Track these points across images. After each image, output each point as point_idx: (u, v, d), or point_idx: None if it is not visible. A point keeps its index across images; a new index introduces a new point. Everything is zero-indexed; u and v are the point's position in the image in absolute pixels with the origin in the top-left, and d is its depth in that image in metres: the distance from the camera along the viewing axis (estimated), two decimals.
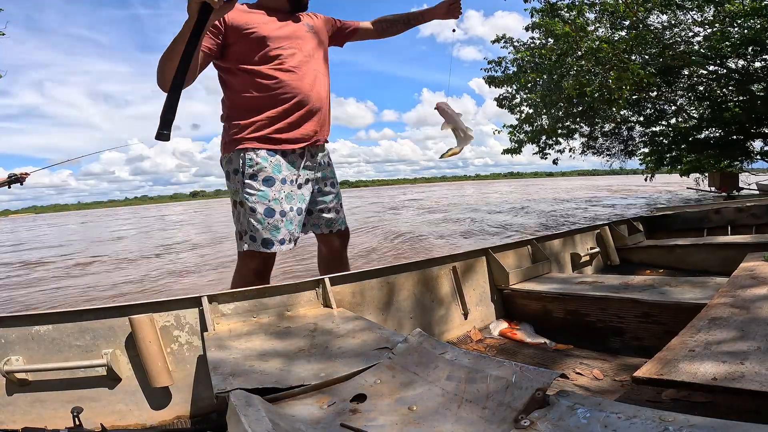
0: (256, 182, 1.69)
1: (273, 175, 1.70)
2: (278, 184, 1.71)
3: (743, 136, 10.08)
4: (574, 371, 1.44)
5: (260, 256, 1.72)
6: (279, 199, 1.70)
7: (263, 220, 1.68)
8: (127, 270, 6.30)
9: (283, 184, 1.72)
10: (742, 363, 0.92)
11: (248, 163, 1.69)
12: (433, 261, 1.90)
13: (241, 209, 1.71)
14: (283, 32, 1.75)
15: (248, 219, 1.69)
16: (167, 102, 1.35)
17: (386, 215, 13.29)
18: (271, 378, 0.98)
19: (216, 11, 1.35)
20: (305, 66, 1.77)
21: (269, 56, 1.71)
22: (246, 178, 1.69)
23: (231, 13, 1.65)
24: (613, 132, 12.36)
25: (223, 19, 1.65)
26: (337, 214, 1.97)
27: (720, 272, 1.94)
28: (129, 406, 1.29)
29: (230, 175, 1.74)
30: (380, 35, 2.13)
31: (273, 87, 1.70)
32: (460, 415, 0.79)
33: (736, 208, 3.20)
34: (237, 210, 1.74)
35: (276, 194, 1.70)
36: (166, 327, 1.36)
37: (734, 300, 1.32)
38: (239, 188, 1.70)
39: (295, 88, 1.73)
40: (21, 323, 1.26)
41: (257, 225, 1.68)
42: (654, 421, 0.66)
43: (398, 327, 1.72)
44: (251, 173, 1.69)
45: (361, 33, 2.09)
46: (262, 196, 1.68)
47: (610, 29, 9.18)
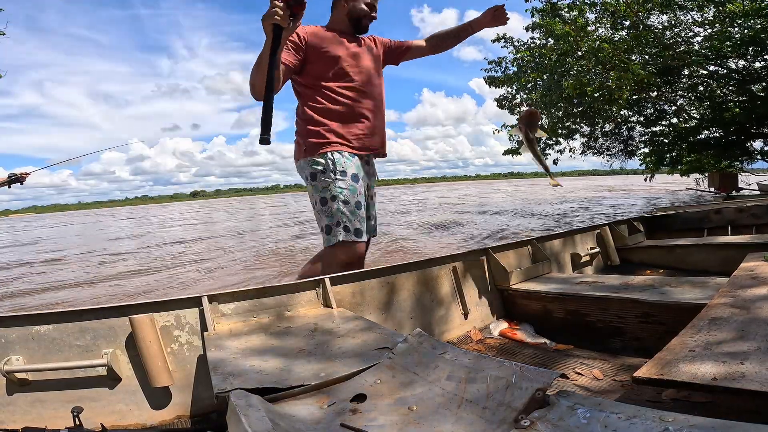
0: (346, 178, 1.87)
1: (357, 173, 1.92)
2: (361, 181, 1.92)
3: (743, 136, 10.07)
4: (575, 371, 1.44)
5: (353, 245, 1.87)
6: (363, 194, 1.93)
7: (355, 211, 1.87)
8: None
9: (363, 182, 1.94)
10: (742, 363, 0.92)
11: (337, 162, 1.88)
12: (433, 261, 1.90)
13: (333, 203, 1.86)
14: (350, 53, 1.99)
15: (342, 211, 1.86)
16: (264, 110, 1.57)
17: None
18: (271, 378, 0.98)
19: (286, 29, 1.56)
20: (369, 83, 2.02)
21: (340, 74, 1.95)
22: (337, 175, 1.87)
23: (309, 35, 1.92)
24: (614, 132, 12.36)
25: (304, 40, 1.90)
26: (375, 221, 2.14)
27: (720, 272, 1.94)
28: (129, 406, 1.29)
29: (316, 175, 1.90)
30: (433, 51, 2.31)
31: (345, 102, 1.95)
32: (460, 415, 0.79)
33: (736, 208, 3.20)
34: (327, 205, 1.87)
35: (361, 190, 1.91)
36: (166, 327, 1.37)
37: (734, 300, 1.32)
38: (330, 184, 1.87)
39: (362, 103, 1.98)
40: (21, 323, 1.26)
41: (351, 216, 1.86)
42: (654, 421, 0.66)
43: (398, 327, 1.72)
44: (341, 170, 1.87)
45: (414, 51, 2.29)
46: (352, 190, 1.88)
47: (611, 29, 9.18)
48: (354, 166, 1.91)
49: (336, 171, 1.87)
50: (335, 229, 1.86)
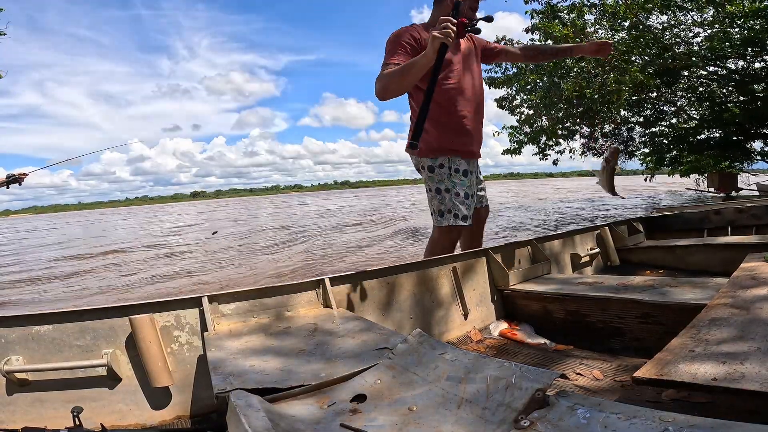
0: (459, 174, 2.17)
1: (468, 169, 2.19)
2: (470, 176, 2.20)
3: (743, 136, 10.08)
4: (574, 372, 1.44)
5: (458, 228, 2.17)
6: (472, 186, 2.20)
7: (464, 201, 2.15)
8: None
9: (472, 176, 2.21)
10: (742, 363, 0.92)
11: (453, 162, 2.16)
12: (433, 261, 1.90)
13: (447, 194, 2.16)
14: (458, 56, 2.14)
15: (453, 201, 2.15)
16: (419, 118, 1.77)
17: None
18: (271, 378, 0.98)
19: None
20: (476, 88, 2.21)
21: (450, 75, 2.10)
22: (452, 172, 2.16)
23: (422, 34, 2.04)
24: (613, 133, 12.36)
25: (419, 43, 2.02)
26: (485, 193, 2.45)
27: (720, 273, 1.94)
28: (129, 406, 1.29)
29: (435, 169, 2.18)
30: (527, 60, 2.61)
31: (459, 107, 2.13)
32: (460, 416, 0.79)
33: (736, 208, 3.20)
34: (441, 195, 2.17)
35: (470, 183, 2.19)
36: (166, 327, 1.37)
37: (734, 300, 1.32)
38: (445, 178, 2.16)
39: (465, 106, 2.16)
40: (21, 323, 1.26)
41: (461, 205, 2.14)
42: (654, 421, 0.66)
43: (398, 327, 1.72)
44: (456, 168, 2.17)
45: (507, 55, 2.48)
46: (462, 184, 2.16)
47: (610, 31, 9.18)
48: (464, 162, 2.19)
49: (451, 168, 2.17)
50: (446, 214, 2.16)
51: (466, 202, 2.15)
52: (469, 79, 2.16)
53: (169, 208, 66.69)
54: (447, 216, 2.14)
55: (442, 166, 2.16)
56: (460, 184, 2.15)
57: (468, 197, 2.16)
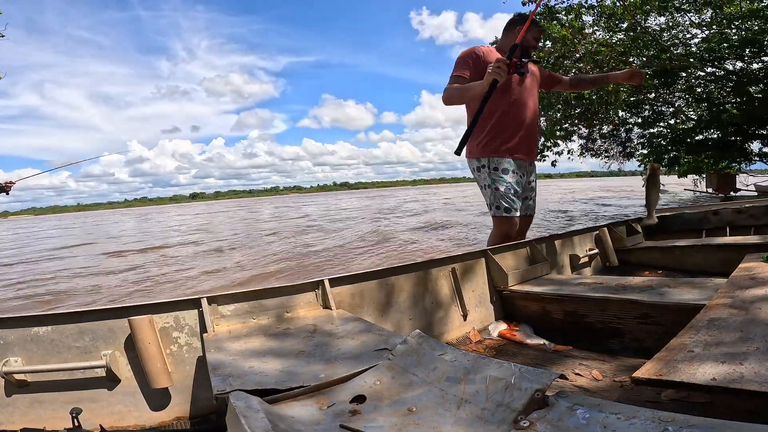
0: (498, 172, 2.50)
1: (508, 168, 2.50)
2: (511, 174, 2.50)
3: (741, 137, 10.10)
4: (574, 372, 1.44)
5: (506, 219, 2.50)
6: (513, 183, 2.50)
7: (504, 195, 2.49)
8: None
9: (514, 175, 2.51)
10: (741, 363, 0.92)
11: (493, 162, 2.51)
12: (432, 262, 1.90)
13: (489, 190, 2.54)
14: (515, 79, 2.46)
15: (495, 195, 2.51)
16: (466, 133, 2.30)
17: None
18: (271, 379, 0.98)
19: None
20: (525, 98, 2.52)
21: (503, 88, 2.39)
22: (492, 170, 2.51)
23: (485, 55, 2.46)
24: (612, 134, 12.37)
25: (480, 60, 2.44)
26: (531, 202, 2.72)
27: (719, 273, 1.94)
28: (128, 407, 1.28)
29: (481, 169, 2.56)
30: (572, 89, 3.06)
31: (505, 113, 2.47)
32: (460, 416, 0.79)
33: (734, 209, 3.20)
34: (485, 190, 2.58)
35: (511, 180, 2.50)
36: (165, 328, 1.36)
37: (733, 301, 1.32)
38: (487, 176, 2.54)
39: (517, 115, 2.50)
40: (20, 324, 1.26)
41: (501, 199, 2.49)
42: (653, 421, 0.66)
43: (397, 328, 1.72)
44: (495, 167, 2.51)
45: (561, 85, 2.90)
46: (502, 180, 2.49)
47: (608, 32, 9.20)
48: (507, 163, 2.50)
49: (498, 169, 2.51)
50: (493, 207, 2.53)
51: (507, 196, 2.49)
52: (525, 95, 2.52)
53: (170, 209, 67.14)
54: (494, 209, 2.53)
55: (485, 166, 2.54)
56: (500, 180, 2.49)
57: (509, 192, 2.49)
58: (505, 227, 2.50)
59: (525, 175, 2.61)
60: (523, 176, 2.58)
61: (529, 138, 2.59)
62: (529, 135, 2.57)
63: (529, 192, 2.69)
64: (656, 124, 11.54)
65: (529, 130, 2.56)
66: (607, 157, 13.10)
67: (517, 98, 2.49)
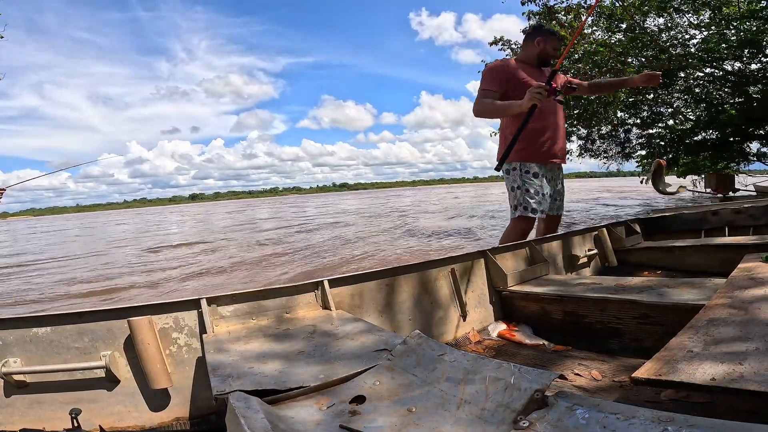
0: (529, 175, 2.69)
1: (539, 172, 2.70)
2: (541, 178, 2.70)
3: (740, 137, 10.12)
4: (573, 372, 1.44)
5: (528, 219, 2.68)
6: (542, 185, 2.70)
7: (533, 197, 2.67)
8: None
9: (543, 179, 2.71)
10: (741, 363, 0.92)
11: (524, 165, 2.70)
12: (432, 263, 1.90)
13: (518, 191, 2.71)
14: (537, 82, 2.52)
15: (524, 196, 2.68)
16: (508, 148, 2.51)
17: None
18: (270, 380, 0.98)
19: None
20: (554, 109, 2.73)
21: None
22: (522, 173, 2.70)
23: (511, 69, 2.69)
24: (611, 134, 12.39)
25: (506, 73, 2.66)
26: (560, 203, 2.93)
27: (718, 273, 1.94)
28: (128, 408, 1.28)
29: (512, 171, 2.74)
30: (591, 93, 3.22)
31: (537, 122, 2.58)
32: (459, 417, 0.79)
33: (733, 209, 3.21)
34: (516, 192, 2.73)
35: (541, 183, 2.70)
36: (164, 329, 1.36)
37: (732, 301, 1.32)
38: (517, 178, 2.72)
39: (548, 125, 2.71)
40: (19, 325, 1.26)
41: (530, 200, 2.67)
42: (653, 421, 0.66)
43: (397, 329, 1.71)
44: (526, 170, 2.70)
45: (580, 90, 3.02)
46: (532, 183, 2.69)
47: (607, 32, 9.21)
48: (537, 167, 2.70)
49: (528, 172, 2.69)
50: (518, 207, 2.69)
51: (535, 198, 2.67)
52: (550, 104, 2.68)
53: (173, 209, 67.58)
54: (519, 209, 2.69)
55: (515, 169, 2.72)
56: (529, 183, 2.68)
57: (537, 194, 2.67)
58: (524, 225, 2.70)
59: (554, 178, 2.82)
60: (552, 179, 2.79)
61: (559, 143, 2.78)
62: (558, 140, 2.77)
63: (558, 193, 2.89)
64: (655, 125, 11.56)
65: (558, 135, 2.76)
66: (606, 158, 13.12)
67: (546, 107, 2.64)
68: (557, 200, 2.89)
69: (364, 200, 36.41)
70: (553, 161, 2.79)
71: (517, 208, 2.70)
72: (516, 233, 2.69)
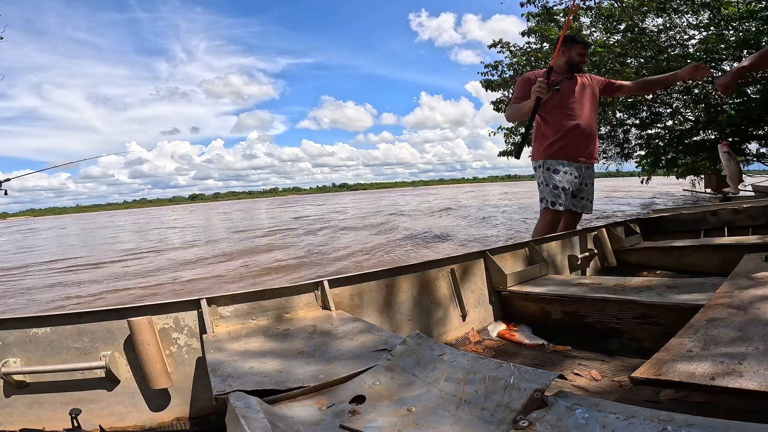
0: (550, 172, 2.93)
1: (561, 169, 2.91)
2: (563, 174, 2.91)
3: (739, 138, 10.11)
4: (573, 372, 1.44)
5: (551, 212, 2.93)
6: (564, 181, 2.89)
7: (553, 191, 2.90)
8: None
9: (565, 175, 2.90)
10: (741, 363, 0.93)
11: (547, 163, 2.95)
12: (431, 263, 1.90)
13: (545, 186, 2.95)
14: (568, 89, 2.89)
15: (550, 191, 2.91)
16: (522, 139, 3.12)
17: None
18: (270, 380, 0.98)
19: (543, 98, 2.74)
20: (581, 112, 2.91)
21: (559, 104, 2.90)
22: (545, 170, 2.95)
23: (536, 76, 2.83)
24: (610, 135, 12.38)
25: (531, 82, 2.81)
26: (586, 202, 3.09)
27: (717, 273, 1.94)
28: (128, 408, 1.28)
29: (538, 169, 3.01)
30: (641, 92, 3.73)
31: (562, 125, 2.90)
32: (459, 416, 0.79)
33: (732, 209, 3.21)
34: (541, 187, 2.99)
35: (562, 178, 2.90)
36: (164, 329, 1.36)
37: (732, 301, 1.32)
38: (542, 174, 2.97)
39: (574, 126, 2.89)
40: (19, 325, 1.26)
41: (552, 194, 2.91)
42: (652, 421, 0.66)
43: (397, 329, 1.72)
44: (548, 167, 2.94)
45: (626, 89, 3.24)
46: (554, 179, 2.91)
47: (606, 33, 9.22)
48: (559, 164, 2.91)
49: (549, 169, 2.93)
50: (544, 201, 2.95)
51: (556, 192, 2.89)
52: (577, 106, 2.90)
53: (168, 210, 67.97)
54: (544, 202, 2.95)
55: (541, 166, 2.97)
56: (551, 178, 2.91)
57: (558, 189, 2.88)
58: (550, 217, 2.93)
59: (581, 176, 2.97)
60: (578, 177, 2.95)
61: (585, 142, 2.96)
62: (585, 140, 2.94)
63: (584, 192, 3.05)
64: (654, 125, 11.56)
65: (584, 135, 2.93)
66: (606, 158, 13.11)
67: (571, 109, 2.89)
68: (583, 199, 3.05)
69: (364, 200, 36.61)
70: (584, 160, 2.97)
71: (543, 201, 2.96)
72: (544, 224, 2.96)
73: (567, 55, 2.97)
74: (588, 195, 3.07)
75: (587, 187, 3.05)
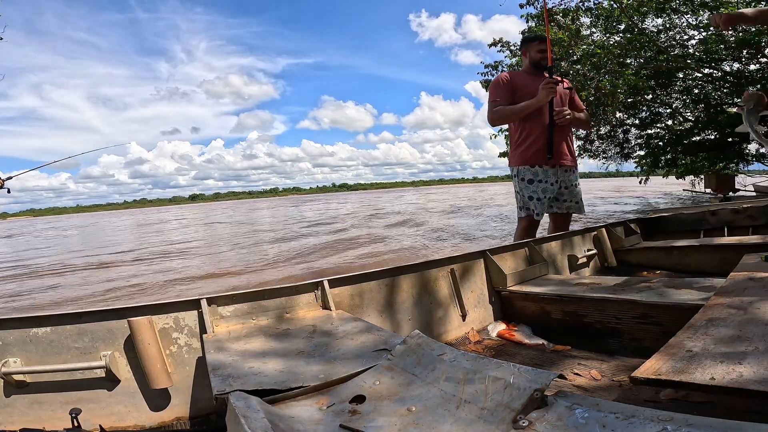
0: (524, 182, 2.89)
1: (535, 179, 2.86)
2: (536, 183, 2.86)
3: (738, 138, 10.12)
4: (573, 372, 1.44)
5: (526, 219, 2.91)
6: (536, 190, 2.86)
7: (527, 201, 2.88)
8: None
9: (539, 183, 2.86)
10: (740, 363, 0.93)
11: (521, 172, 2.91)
12: (431, 263, 1.90)
13: (518, 195, 2.94)
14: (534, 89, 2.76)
15: (523, 200, 2.91)
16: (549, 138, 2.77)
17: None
18: (271, 379, 0.98)
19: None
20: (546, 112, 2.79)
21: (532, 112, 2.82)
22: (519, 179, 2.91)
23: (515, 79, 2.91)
24: (609, 135, 12.38)
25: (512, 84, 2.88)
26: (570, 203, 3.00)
27: (717, 273, 1.95)
28: (128, 408, 1.28)
29: (514, 177, 2.97)
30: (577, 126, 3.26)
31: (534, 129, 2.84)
32: (459, 416, 0.79)
33: (732, 209, 3.21)
34: (518, 196, 2.96)
35: (535, 188, 2.86)
36: (165, 329, 1.36)
37: (732, 301, 1.33)
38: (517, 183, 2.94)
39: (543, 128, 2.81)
40: (19, 325, 1.26)
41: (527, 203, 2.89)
42: (652, 421, 0.66)
43: (397, 329, 1.72)
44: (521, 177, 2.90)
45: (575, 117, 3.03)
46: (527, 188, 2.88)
47: (605, 33, 9.21)
48: (531, 173, 2.87)
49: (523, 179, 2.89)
50: (521, 209, 2.94)
51: (529, 202, 2.88)
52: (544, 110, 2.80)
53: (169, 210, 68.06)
54: (520, 210, 2.96)
55: (515, 175, 2.95)
56: (525, 188, 2.89)
57: (533, 199, 2.86)
58: (525, 224, 2.94)
59: (557, 181, 2.90)
60: (555, 182, 2.88)
61: (560, 145, 2.87)
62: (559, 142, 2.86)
63: (566, 194, 2.97)
64: (653, 125, 11.56)
65: (558, 138, 2.84)
66: (605, 158, 13.11)
67: (543, 112, 2.80)
68: (567, 201, 2.98)
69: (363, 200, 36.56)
70: (558, 163, 2.89)
71: (520, 209, 2.97)
72: (520, 230, 2.97)
73: (528, 55, 2.97)
74: (571, 197, 2.99)
75: (568, 189, 2.96)
